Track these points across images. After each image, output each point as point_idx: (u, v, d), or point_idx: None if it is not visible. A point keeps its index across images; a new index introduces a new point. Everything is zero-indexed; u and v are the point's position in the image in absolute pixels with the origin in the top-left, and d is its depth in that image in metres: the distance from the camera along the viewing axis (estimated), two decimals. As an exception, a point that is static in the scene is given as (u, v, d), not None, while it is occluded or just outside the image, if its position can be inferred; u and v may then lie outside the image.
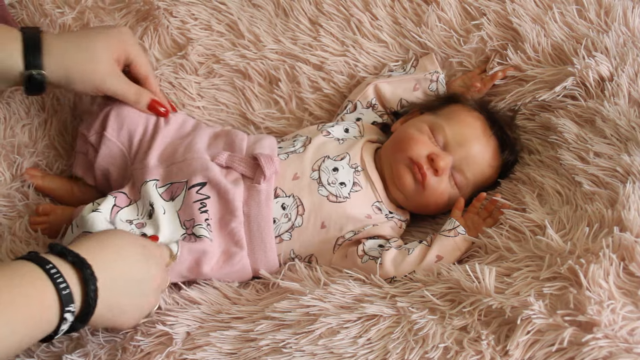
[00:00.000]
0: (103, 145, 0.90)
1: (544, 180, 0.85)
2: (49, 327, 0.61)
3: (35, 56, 0.76)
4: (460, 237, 0.83)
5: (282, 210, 0.86)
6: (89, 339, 0.75)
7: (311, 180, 0.88)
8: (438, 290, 0.74)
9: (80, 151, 0.94)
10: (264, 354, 0.70)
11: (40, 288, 0.60)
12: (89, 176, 0.94)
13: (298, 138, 0.93)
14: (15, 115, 0.99)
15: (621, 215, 0.70)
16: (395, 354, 0.67)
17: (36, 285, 0.60)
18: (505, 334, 0.66)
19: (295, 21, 1.04)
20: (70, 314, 0.61)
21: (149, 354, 0.73)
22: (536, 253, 0.74)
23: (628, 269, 0.66)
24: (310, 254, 0.87)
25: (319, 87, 1.04)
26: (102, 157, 0.90)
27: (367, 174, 0.90)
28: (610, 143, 0.82)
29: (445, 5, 1.01)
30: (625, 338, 0.61)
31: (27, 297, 0.59)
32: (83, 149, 0.93)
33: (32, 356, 0.75)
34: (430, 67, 1.00)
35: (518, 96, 0.96)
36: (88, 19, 1.04)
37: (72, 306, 0.61)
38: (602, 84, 0.88)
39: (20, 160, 0.97)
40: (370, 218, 0.88)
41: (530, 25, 0.96)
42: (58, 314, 0.61)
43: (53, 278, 0.61)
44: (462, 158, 0.89)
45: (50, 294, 0.60)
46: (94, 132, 0.90)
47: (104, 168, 0.91)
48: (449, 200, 0.90)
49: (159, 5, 1.04)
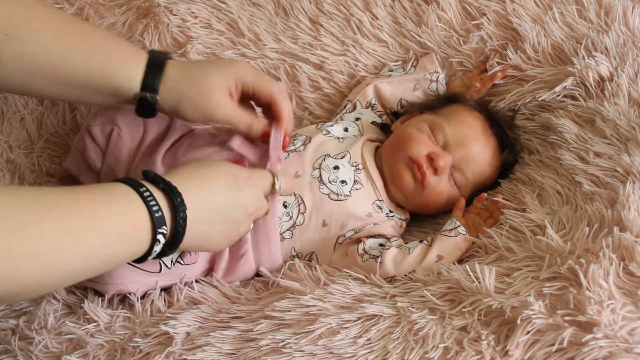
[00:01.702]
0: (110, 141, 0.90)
1: (544, 180, 0.85)
2: (140, 248, 0.64)
3: (154, 81, 0.78)
4: (461, 237, 0.83)
5: (284, 208, 0.86)
6: (89, 339, 0.75)
7: (312, 178, 0.88)
8: (438, 290, 0.74)
9: (77, 148, 0.94)
10: (264, 354, 0.70)
11: (134, 209, 0.62)
12: (82, 174, 0.94)
13: (298, 137, 0.93)
14: (12, 109, 0.99)
15: (621, 215, 0.70)
16: (395, 354, 0.67)
17: (131, 205, 0.62)
18: (505, 334, 0.66)
19: (295, 20, 1.04)
20: (162, 236, 0.64)
21: (148, 354, 0.73)
22: (536, 253, 0.74)
23: (628, 269, 0.66)
24: (311, 252, 0.87)
25: (319, 87, 1.04)
26: (109, 151, 0.91)
27: (367, 172, 0.90)
28: (610, 143, 0.82)
29: (445, 5, 1.01)
30: (625, 338, 0.61)
31: (121, 215, 0.61)
32: (80, 145, 0.93)
33: (31, 357, 0.74)
34: (430, 67, 1.00)
35: (518, 96, 0.96)
36: (87, 15, 1.04)
37: (164, 228, 0.64)
38: (602, 84, 0.88)
39: (18, 157, 0.97)
40: (371, 216, 0.88)
41: (530, 25, 0.96)
42: (150, 236, 0.63)
43: (146, 201, 0.63)
44: (462, 157, 0.89)
45: (143, 216, 0.63)
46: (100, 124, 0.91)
47: (109, 165, 0.91)
48: (448, 199, 0.90)
49: (159, 2, 1.04)
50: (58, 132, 1.02)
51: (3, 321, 0.80)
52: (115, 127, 0.91)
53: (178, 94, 0.79)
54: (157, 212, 0.63)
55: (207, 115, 0.80)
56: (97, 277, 0.79)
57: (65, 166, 0.97)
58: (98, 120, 0.92)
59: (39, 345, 0.75)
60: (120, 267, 0.78)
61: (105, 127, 0.91)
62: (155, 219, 0.63)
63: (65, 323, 0.78)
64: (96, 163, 0.93)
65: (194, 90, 0.79)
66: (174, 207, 0.65)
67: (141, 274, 0.79)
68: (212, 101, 0.79)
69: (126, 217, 0.61)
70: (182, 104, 0.79)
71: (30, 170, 0.99)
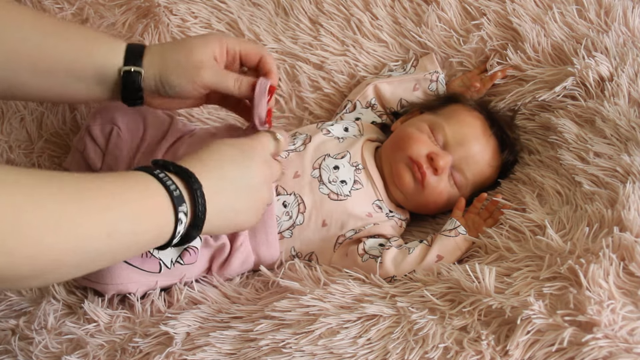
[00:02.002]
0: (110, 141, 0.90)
1: (544, 180, 0.85)
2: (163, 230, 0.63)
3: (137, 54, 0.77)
4: (461, 237, 0.83)
5: (284, 208, 0.86)
6: (89, 339, 0.75)
7: (312, 178, 0.88)
8: (438, 290, 0.74)
9: (77, 148, 0.94)
10: (264, 354, 0.69)
11: (152, 189, 0.62)
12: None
13: (298, 136, 0.93)
14: (12, 109, 0.99)
15: (621, 215, 0.70)
16: (395, 354, 0.67)
17: (149, 186, 0.62)
18: (505, 334, 0.66)
19: (295, 20, 1.04)
20: (183, 214, 0.63)
21: (148, 354, 0.72)
22: (536, 253, 0.74)
23: (628, 269, 0.66)
24: (310, 251, 0.87)
25: (319, 87, 1.04)
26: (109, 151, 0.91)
27: (367, 172, 0.90)
28: (610, 143, 0.82)
29: (445, 5, 1.00)
30: (625, 338, 0.61)
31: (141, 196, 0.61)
32: (80, 145, 0.93)
33: (31, 357, 0.74)
34: (430, 67, 1.00)
35: (518, 96, 0.95)
36: (87, 15, 1.04)
37: (184, 206, 0.63)
38: (602, 84, 0.88)
39: (18, 157, 0.97)
40: (371, 216, 0.88)
41: (530, 25, 0.96)
42: (172, 216, 0.63)
43: (163, 181, 0.63)
44: (462, 158, 0.89)
45: (163, 196, 0.62)
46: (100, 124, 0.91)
47: (109, 165, 0.91)
48: (448, 199, 0.90)
49: (159, 2, 1.04)
50: (58, 132, 1.02)
51: (3, 321, 0.80)
52: (115, 127, 0.91)
53: (161, 62, 0.78)
54: (175, 190, 0.63)
55: (193, 77, 0.78)
56: (97, 277, 0.79)
57: (65, 166, 0.97)
58: (98, 121, 0.92)
59: (39, 346, 0.75)
60: (120, 267, 0.78)
61: (105, 127, 0.91)
62: (175, 199, 0.62)
63: (65, 323, 0.78)
64: (96, 163, 0.93)
65: (179, 54, 0.78)
66: (189, 187, 0.65)
67: (141, 274, 0.79)
68: (196, 60, 0.78)
69: (146, 199, 0.61)
70: (166, 71, 0.78)
71: (30, 170, 0.99)
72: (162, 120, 0.93)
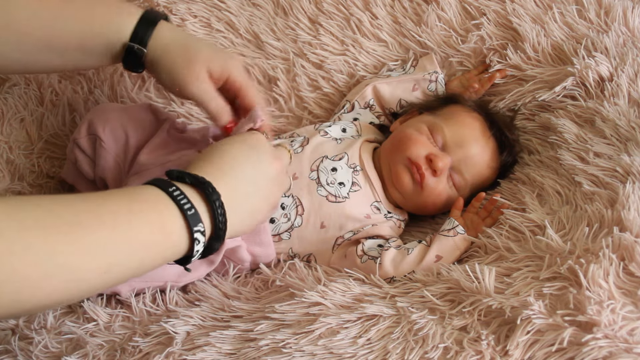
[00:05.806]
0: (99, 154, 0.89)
1: (544, 180, 0.85)
2: (176, 250, 0.60)
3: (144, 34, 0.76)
4: (460, 236, 0.83)
5: (282, 210, 0.86)
6: (88, 339, 0.75)
7: (310, 180, 0.88)
8: (438, 290, 0.74)
9: (70, 159, 0.94)
10: (264, 354, 0.69)
11: (162, 211, 0.59)
12: (78, 183, 0.94)
13: (296, 138, 0.93)
14: (12, 109, 0.99)
15: (621, 215, 0.70)
16: (395, 354, 0.67)
17: (159, 209, 0.59)
18: (505, 334, 0.66)
19: (294, 20, 1.04)
20: (200, 234, 0.60)
21: (148, 354, 0.72)
22: (536, 253, 0.74)
23: (628, 269, 0.66)
24: (309, 253, 0.87)
25: (319, 86, 1.04)
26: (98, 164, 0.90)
27: (365, 174, 0.90)
28: (610, 143, 0.82)
29: (445, 4, 1.00)
30: (625, 338, 0.61)
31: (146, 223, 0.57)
32: (72, 157, 0.93)
33: (31, 357, 0.74)
34: (430, 67, 1.00)
35: (518, 96, 0.95)
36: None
37: (200, 226, 0.60)
38: (602, 84, 0.88)
39: (18, 157, 0.96)
40: (369, 218, 0.88)
41: (530, 25, 0.96)
42: (187, 235, 0.60)
43: (177, 200, 0.59)
44: (461, 159, 0.89)
45: (175, 217, 0.59)
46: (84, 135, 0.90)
47: (99, 175, 0.91)
48: (447, 200, 0.90)
49: (159, 2, 1.04)
50: (58, 134, 1.02)
51: (3, 321, 0.80)
52: (97, 138, 0.89)
53: (164, 53, 0.77)
54: (190, 209, 0.59)
55: (181, 84, 0.77)
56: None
57: (62, 176, 0.96)
58: (82, 132, 0.90)
59: (38, 345, 0.75)
60: None
61: (90, 137, 0.90)
62: (189, 218, 0.59)
63: (64, 322, 0.78)
64: (89, 173, 0.92)
65: (180, 55, 0.77)
66: (207, 198, 0.62)
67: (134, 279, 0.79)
68: (192, 72, 0.77)
69: (152, 224, 0.58)
70: (162, 63, 0.77)
71: (30, 171, 0.99)
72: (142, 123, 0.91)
